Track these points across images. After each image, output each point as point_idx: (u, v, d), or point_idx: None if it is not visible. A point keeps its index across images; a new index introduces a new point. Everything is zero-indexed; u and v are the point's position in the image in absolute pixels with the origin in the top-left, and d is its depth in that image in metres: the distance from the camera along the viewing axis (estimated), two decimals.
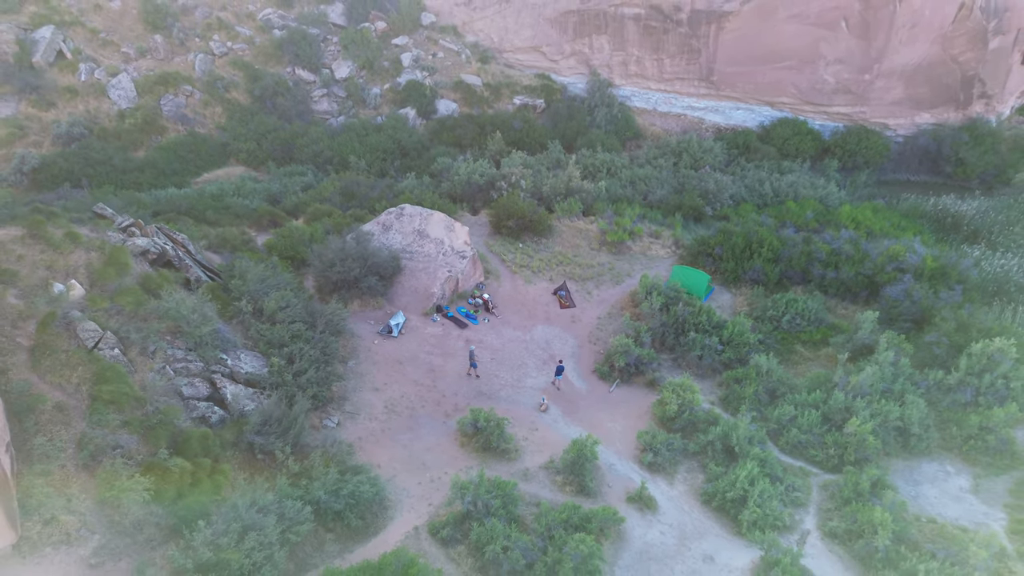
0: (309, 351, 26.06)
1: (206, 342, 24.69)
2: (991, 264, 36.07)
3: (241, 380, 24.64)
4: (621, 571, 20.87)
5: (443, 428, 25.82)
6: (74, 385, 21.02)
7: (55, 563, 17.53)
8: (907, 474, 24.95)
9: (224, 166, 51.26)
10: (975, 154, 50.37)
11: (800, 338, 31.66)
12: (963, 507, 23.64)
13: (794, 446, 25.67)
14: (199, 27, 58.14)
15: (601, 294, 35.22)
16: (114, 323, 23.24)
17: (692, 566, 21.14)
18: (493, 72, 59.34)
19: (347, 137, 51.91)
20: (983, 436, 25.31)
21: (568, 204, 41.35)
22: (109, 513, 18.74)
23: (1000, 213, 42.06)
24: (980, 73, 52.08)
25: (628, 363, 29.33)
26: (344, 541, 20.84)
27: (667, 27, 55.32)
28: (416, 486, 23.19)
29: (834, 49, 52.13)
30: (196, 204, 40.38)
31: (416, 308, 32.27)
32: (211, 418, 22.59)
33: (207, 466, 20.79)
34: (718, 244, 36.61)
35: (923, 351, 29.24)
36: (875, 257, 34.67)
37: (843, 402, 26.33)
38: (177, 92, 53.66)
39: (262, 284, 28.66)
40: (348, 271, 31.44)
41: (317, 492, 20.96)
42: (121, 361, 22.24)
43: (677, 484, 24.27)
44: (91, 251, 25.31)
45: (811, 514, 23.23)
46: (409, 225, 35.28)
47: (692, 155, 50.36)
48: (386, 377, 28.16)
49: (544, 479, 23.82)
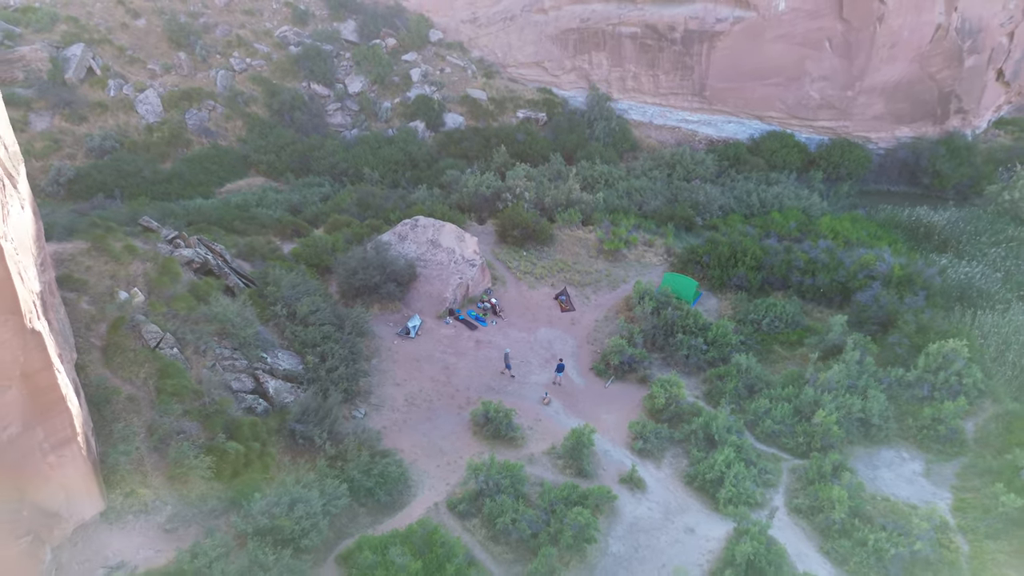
0: (339, 350, 29.38)
1: (249, 342, 28.03)
2: (956, 271, 39.31)
3: (280, 376, 27.96)
4: (614, 541, 24.18)
5: (457, 419, 29.14)
6: (141, 379, 24.34)
7: (136, 528, 20.86)
8: (867, 459, 28.25)
9: (245, 177, 54.53)
10: (951, 166, 53.62)
11: (778, 339, 34.97)
12: (914, 488, 26.95)
13: (768, 435, 28.98)
14: (220, 44, 61.45)
15: (598, 299, 38.52)
16: (171, 325, 26.55)
17: (675, 536, 24.46)
18: (497, 87, 62.63)
19: (361, 149, 55.20)
20: (935, 426, 28.61)
21: (568, 214, 44.64)
22: (178, 487, 22.07)
23: (969, 224, 45.31)
24: (956, 90, 55.34)
25: (622, 362, 32.63)
26: (375, 514, 24.15)
27: (662, 45, 58.58)
28: (435, 468, 26.51)
29: (818, 67, 55.38)
30: (224, 214, 43.64)
31: (431, 311, 35.59)
32: (257, 408, 25.91)
33: (257, 449, 24.11)
34: (706, 253, 39.93)
35: (887, 351, 32.57)
36: (849, 265, 37.99)
37: (812, 396, 29.65)
38: (200, 107, 56.98)
39: (294, 290, 32.00)
40: (369, 278, 34.74)
41: (351, 472, 24.30)
42: (179, 359, 25.57)
43: (663, 467, 27.58)
44: (146, 262, 28.63)
45: (780, 493, 26.53)
46: (423, 235, 38.59)
47: (685, 167, 53.65)
48: (405, 374, 31.49)
49: (547, 463, 27.12)
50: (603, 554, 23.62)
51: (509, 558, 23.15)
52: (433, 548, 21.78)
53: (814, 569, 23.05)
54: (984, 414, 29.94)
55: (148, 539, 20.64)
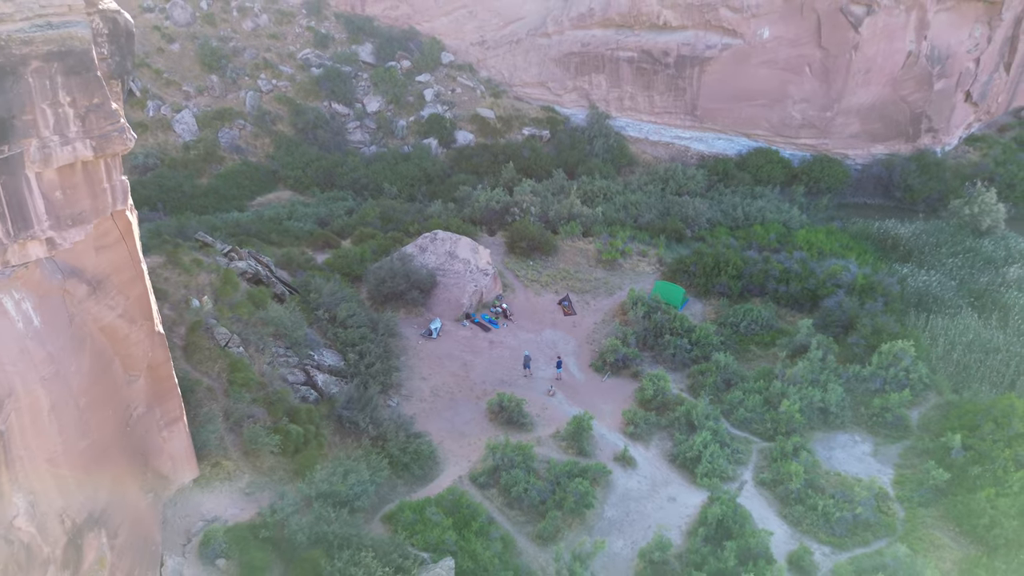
0: (374, 349, 34.36)
1: (299, 342, 33.01)
2: (916, 280, 44.16)
3: (326, 370, 32.93)
4: (608, 507, 29.13)
5: (476, 407, 34.10)
6: (216, 373, 29.33)
7: (223, 492, 25.82)
8: (825, 442, 33.14)
9: (274, 191, 59.55)
10: (920, 181, 58.49)
11: (754, 340, 39.88)
12: (863, 465, 31.85)
13: (741, 421, 33.89)
14: (248, 67, 66.48)
15: (597, 304, 43.46)
16: (235, 328, 31.53)
17: (659, 504, 29.41)
18: (504, 105, 67.60)
19: (380, 166, 60.20)
20: (883, 414, 33.52)
21: (570, 227, 49.57)
22: (252, 460, 27.06)
23: (931, 236, 50.12)
24: (927, 111, 60.28)
25: (617, 359, 37.54)
26: (410, 485, 29.09)
27: (656, 69, 63.52)
28: (458, 448, 31.47)
29: (800, 90, 60.30)
30: (261, 227, 48.62)
31: (450, 315, 40.54)
32: (309, 398, 30.86)
33: (312, 431, 29.06)
34: (693, 263, 44.86)
35: (847, 350, 37.49)
36: (819, 274, 42.90)
37: (780, 389, 34.57)
38: (231, 126, 62.03)
39: (333, 297, 37.00)
40: (396, 286, 39.70)
41: (391, 450, 29.27)
42: (244, 356, 30.54)
43: (651, 448, 32.52)
44: (211, 273, 33.62)
45: (749, 469, 31.46)
46: (442, 248, 43.55)
47: (677, 182, 58.56)
48: (430, 369, 36.45)
49: (552, 444, 32.07)
50: (599, 518, 28.59)
51: (522, 520, 28.11)
52: (460, 510, 26.77)
53: (773, 529, 27.96)
54: (927, 404, 34.87)
55: (233, 500, 25.62)
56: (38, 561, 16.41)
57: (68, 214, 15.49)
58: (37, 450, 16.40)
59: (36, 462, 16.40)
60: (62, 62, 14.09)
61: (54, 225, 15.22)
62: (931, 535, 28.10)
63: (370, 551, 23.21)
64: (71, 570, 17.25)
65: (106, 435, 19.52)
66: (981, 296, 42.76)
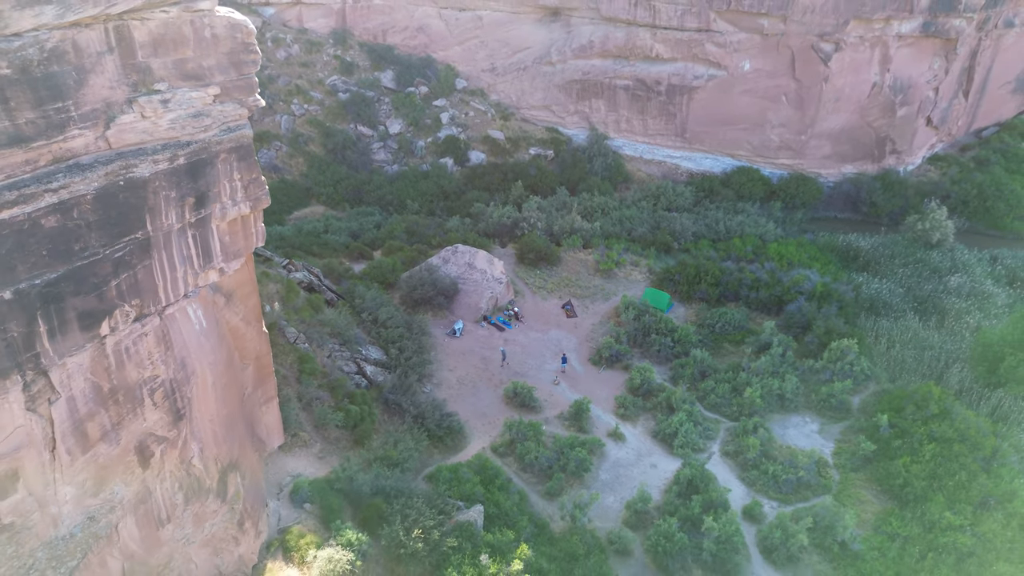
0: (410, 345, 41.68)
1: (350, 340, 40.34)
2: (868, 287, 51.41)
3: (372, 363, 40.25)
4: (603, 472, 36.44)
5: (494, 394, 41.40)
6: (288, 364, 36.64)
7: (301, 456, 33.14)
8: (781, 423, 40.40)
9: (308, 206, 66.88)
10: (884, 198, 65.69)
11: (727, 338, 47.13)
12: (810, 441, 39.10)
13: (712, 405, 41.15)
14: (282, 93, 73.82)
15: (595, 308, 50.76)
16: (300, 328, 38.85)
17: (643, 470, 36.72)
18: (512, 127, 74.88)
19: (402, 183, 67.53)
20: (829, 400, 40.79)
21: (572, 240, 56.85)
22: (321, 432, 34.38)
23: (888, 248, 57.35)
24: (891, 135, 67.52)
25: (611, 354, 44.80)
26: (444, 453, 36.42)
27: (650, 95, 70.79)
28: (481, 426, 38.78)
29: (777, 116, 67.55)
30: (303, 240, 55.91)
31: (470, 317, 47.85)
32: (361, 384, 38.19)
33: (366, 411, 36.37)
34: (677, 272, 52.14)
35: (803, 347, 44.75)
36: (784, 283, 50.16)
37: (745, 379, 41.84)
38: (269, 147, 69.34)
39: (374, 302, 44.32)
40: (425, 292, 47.02)
41: (428, 425, 36.59)
42: (309, 351, 37.85)
43: (638, 426, 39.83)
44: (276, 283, 40.96)
45: (717, 443, 38.72)
46: (462, 259, 50.86)
47: (667, 198, 65.81)
48: (455, 363, 43.77)
49: (557, 423, 39.37)
50: (595, 479, 35.91)
51: (533, 481, 35.44)
52: (486, 471, 34.14)
53: (732, 488, 35.23)
54: (867, 391, 42.14)
55: (309, 462, 32.96)
56: (203, 489, 23.73)
57: (232, 251, 22.79)
58: (204, 412, 23.70)
59: (203, 421, 23.71)
60: (237, 153, 21.36)
61: (224, 259, 22.51)
62: (858, 493, 35.41)
63: (419, 499, 30.51)
64: (222, 498, 24.56)
65: (234, 407, 26.85)
66: (924, 301, 50.05)
